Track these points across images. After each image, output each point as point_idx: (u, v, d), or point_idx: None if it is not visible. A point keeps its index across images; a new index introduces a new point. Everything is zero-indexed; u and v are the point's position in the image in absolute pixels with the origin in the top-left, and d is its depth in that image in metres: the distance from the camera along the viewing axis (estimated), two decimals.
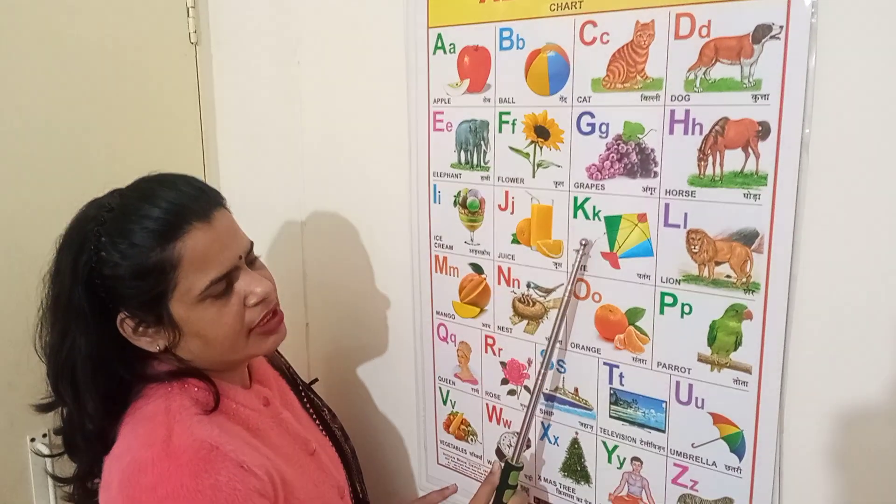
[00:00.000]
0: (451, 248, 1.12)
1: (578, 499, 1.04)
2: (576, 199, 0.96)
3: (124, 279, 0.82)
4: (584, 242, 0.96)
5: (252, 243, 0.92)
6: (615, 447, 0.99)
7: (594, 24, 0.90)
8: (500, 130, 1.02)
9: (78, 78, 1.25)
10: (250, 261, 0.91)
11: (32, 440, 1.19)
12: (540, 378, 1.00)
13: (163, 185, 0.85)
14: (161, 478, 0.77)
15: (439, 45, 1.06)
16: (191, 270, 0.82)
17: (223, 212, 0.88)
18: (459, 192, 1.09)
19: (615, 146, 0.91)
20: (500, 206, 1.04)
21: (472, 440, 1.16)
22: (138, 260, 0.81)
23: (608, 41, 0.89)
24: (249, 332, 0.89)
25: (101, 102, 1.28)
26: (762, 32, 0.79)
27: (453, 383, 1.17)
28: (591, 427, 1.01)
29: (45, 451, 1.18)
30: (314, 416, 1.12)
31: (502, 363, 1.09)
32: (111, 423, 0.85)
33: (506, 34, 0.98)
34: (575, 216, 0.97)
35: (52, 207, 1.14)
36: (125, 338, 0.85)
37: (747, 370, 0.86)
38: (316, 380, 1.22)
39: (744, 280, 0.84)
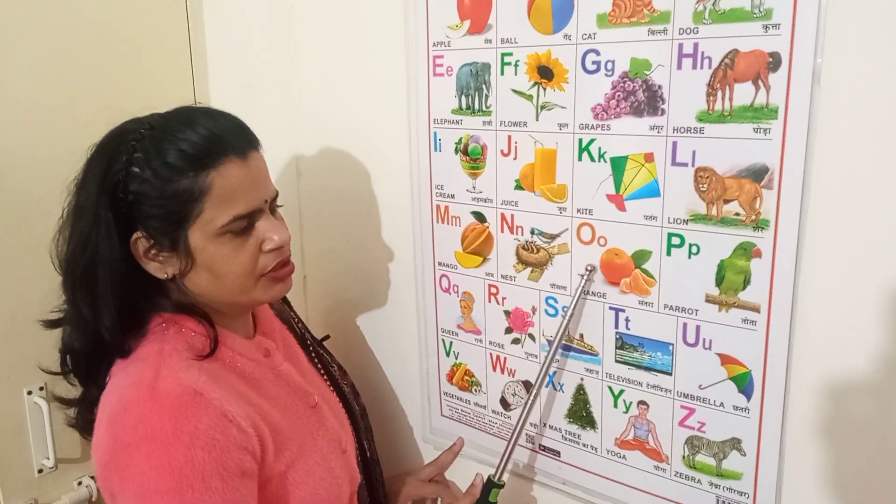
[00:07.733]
0: (452, 196, 1.10)
1: (584, 444, 1.04)
2: (580, 140, 0.94)
3: (150, 197, 0.82)
4: (589, 268, 0.97)
5: (277, 193, 0.92)
6: (621, 391, 0.98)
7: None
8: (502, 73, 1.00)
9: (64, 29, 1.21)
10: (272, 209, 0.92)
11: (29, 393, 1.18)
12: (538, 385, 1.03)
13: (205, 115, 0.86)
14: (143, 418, 0.78)
15: None
16: (218, 202, 0.83)
17: (259, 154, 0.89)
18: (461, 139, 1.06)
19: (621, 84, 0.89)
20: (502, 151, 1.02)
21: (476, 391, 1.16)
22: (169, 180, 0.81)
23: None
24: (259, 278, 0.89)
25: (90, 54, 1.25)
26: None
27: (456, 334, 1.16)
28: (597, 372, 1.00)
29: (43, 403, 1.17)
30: (322, 372, 1.11)
31: (506, 312, 1.08)
32: (125, 339, 0.85)
33: None
34: (580, 159, 0.95)
35: (45, 156, 1.13)
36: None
37: (756, 309, 0.85)
38: (327, 336, 1.21)
39: (753, 217, 0.83)
